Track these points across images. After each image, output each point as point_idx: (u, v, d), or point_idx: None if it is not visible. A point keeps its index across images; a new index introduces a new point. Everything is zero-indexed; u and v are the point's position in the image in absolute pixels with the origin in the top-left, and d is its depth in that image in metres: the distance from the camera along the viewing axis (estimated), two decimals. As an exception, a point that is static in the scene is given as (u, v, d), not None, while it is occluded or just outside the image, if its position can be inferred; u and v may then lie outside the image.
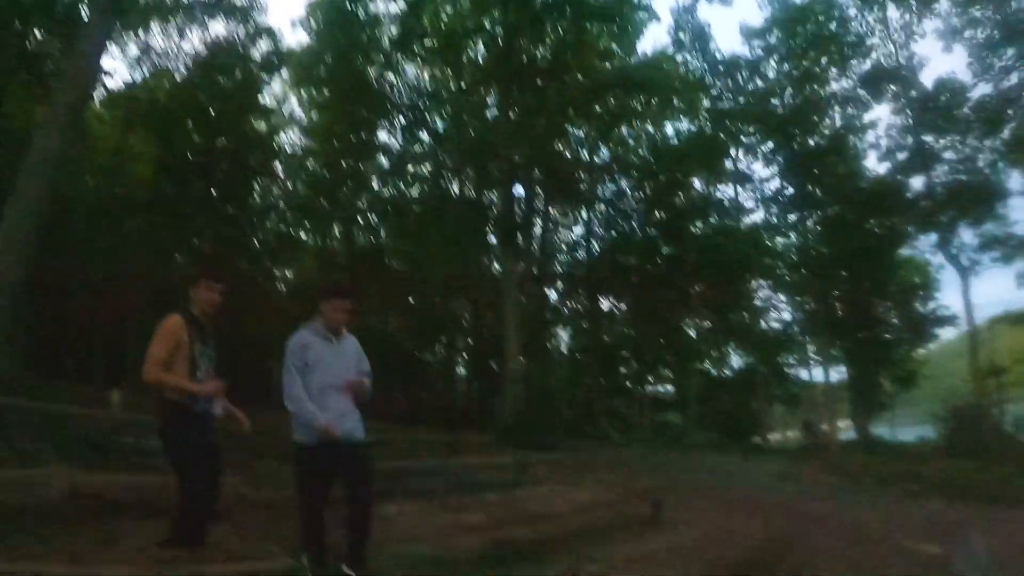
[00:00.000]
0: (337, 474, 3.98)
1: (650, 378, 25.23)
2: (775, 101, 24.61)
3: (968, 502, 9.91)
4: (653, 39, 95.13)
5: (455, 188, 23.04)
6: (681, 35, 23.97)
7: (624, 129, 22.44)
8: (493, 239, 21.37)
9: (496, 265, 20.68)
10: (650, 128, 22.97)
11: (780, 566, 5.87)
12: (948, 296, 57.86)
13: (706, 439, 22.74)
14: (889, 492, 11.60)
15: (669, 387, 25.73)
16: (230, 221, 21.23)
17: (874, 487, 12.38)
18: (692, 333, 25.18)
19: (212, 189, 21.70)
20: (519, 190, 21.65)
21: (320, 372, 4.00)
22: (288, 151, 25.90)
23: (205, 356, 3.92)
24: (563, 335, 24.67)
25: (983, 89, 21.92)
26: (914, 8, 23.09)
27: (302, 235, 26.38)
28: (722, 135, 23.44)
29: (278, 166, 25.56)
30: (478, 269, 22.10)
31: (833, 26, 24.41)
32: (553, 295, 23.81)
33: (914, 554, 6.41)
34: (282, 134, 26.31)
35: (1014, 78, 21.08)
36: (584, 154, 22.65)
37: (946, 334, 27.49)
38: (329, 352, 4.07)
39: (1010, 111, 21.53)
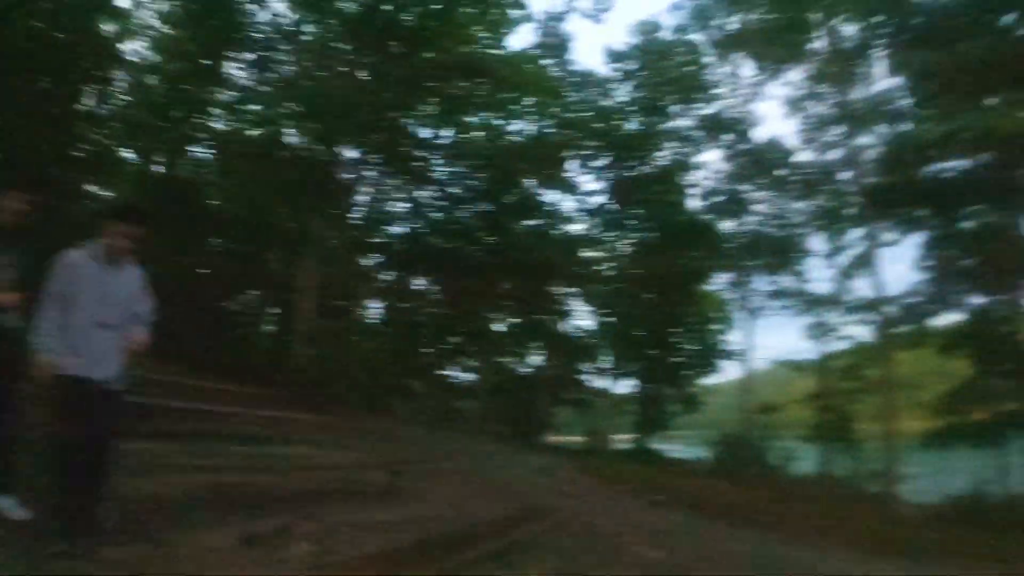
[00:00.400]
0: (87, 415, 3.60)
1: (450, 363, 25.69)
2: (619, 122, 25.75)
3: (713, 518, 10.49)
4: (525, 39, 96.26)
5: (291, 137, 22.22)
6: (546, 39, 24.54)
7: (470, 117, 22.56)
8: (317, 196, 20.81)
9: (314, 222, 20.16)
10: (496, 121, 23.25)
11: (486, 546, 6.04)
12: (738, 334, 63.47)
13: (491, 429, 23.54)
14: (639, 499, 12.08)
15: (468, 375, 26.31)
16: (51, 123, 19.16)
17: (626, 493, 12.90)
18: (497, 326, 25.90)
19: (38, 82, 19.49)
20: (352, 153, 21.31)
21: (85, 302, 3.59)
22: (131, 62, 23.93)
23: (7, 267, 3.71)
24: (374, 307, 24.56)
25: (807, 156, 24.01)
26: (767, 72, 24.86)
27: (126, 154, 24.46)
28: (562, 142, 24.21)
29: (117, 75, 23.56)
30: (297, 223, 21.47)
31: (688, 68, 25.93)
32: (368, 264, 23.61)
33: (634, 556, 6.69)
34: (128, 43, 24.27)
35: (835, 154, 23.02)
36: (424, 131, 22.64)
37: (734, 368, 29.96)
38: (102, 281, 3.65)
39: (825, 183, 23.62)
